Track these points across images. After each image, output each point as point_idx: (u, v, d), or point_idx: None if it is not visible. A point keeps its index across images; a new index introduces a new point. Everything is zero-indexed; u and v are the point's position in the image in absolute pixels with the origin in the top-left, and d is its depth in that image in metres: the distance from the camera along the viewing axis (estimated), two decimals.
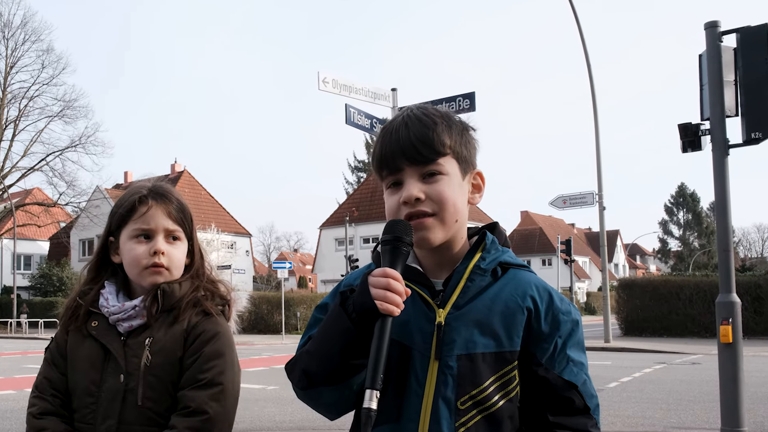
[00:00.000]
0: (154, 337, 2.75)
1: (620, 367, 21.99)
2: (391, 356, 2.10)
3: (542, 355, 2.16)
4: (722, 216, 9.83)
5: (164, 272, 2.85)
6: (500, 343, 2.13)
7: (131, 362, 2.73)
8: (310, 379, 2.16)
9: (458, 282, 2.18)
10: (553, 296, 2.22)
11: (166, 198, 2.91)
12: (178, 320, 2.79)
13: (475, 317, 2.14)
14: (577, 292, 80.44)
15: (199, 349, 2.75)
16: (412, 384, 2.13)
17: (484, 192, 2.33)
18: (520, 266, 2.27)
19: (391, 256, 2.07)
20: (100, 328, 2.80)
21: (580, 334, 2.25)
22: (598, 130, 31.17)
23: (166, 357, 2.74)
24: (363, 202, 74.50)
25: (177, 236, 2.90)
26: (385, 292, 1.98)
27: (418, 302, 2.18)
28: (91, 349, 2.78)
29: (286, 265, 41.96)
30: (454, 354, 2.11)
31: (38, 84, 63.81)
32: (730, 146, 9.87)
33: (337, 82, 16.31)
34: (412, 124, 2.19)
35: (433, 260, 2.26)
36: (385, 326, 1.97)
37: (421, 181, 2.17)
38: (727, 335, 9.57)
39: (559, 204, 33.21)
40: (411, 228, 2.11)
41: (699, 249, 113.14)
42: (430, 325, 2.14)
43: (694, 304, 36.27)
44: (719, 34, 9.96)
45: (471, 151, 2.26)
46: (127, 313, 2.79)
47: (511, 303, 2.17)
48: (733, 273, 9.79)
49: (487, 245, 2.24)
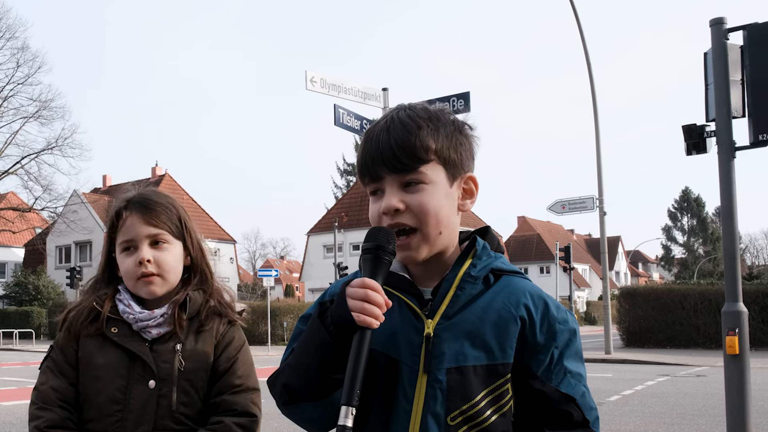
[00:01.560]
0: (183, 343, 2.88)
1: (622, 379, 22.03)
2: (378, 369, 2.11)
3: (538, 367, 2.15)
4: (728, 221, 9.83)
5: (156, 280, 2.92)
6: (492, 355, 2.11)
7: (162, 368, 2.83)
8: (291, 394, 2.16)
9: (448, 290, 2.16)
10: (549, 304, 2.20)
11: (143, 204, 2.97)
12: (205, 328, 2.95)
13: (465, 328, 2.12)
14: (577, 301, 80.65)
15: (233, 356, 2.96)
16: (400, 399, 2.11)
17: (477, 198, 2.29)
18: (514, 273, 2.25)
19: (372, 265, 2.05)
20: (122, 335, 2.87)
21: (578, 344, 2.23)
22: (599, 132, 31.22)
23: (198, 363, 2.89)
24: (352, 207, 74.42)
25: (162, 239, 2.95)
26: (363, 304, 1.96)
27: (406, 312, 2.16)
28: (114, 356, 2.84)
29: (272, 273, 41.91)
30: (444, 367, 2.09)
31: (13, 83, 63.45)
32: (736, 148, 9.87)
33: (326, 82, 16.34)
34: (394, 128, 2.16)
35: (421, 268, 2.24)
36: (363, 339, 1.96)
37: (402, 189, 2.15)
38: (734, 346, 9.57)
39: (558, 209, 33.23)
40: (394, 236, 2.09)
41: (704, 256, 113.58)
42: (418, 337, 2.12)
43: (699, 314, 36.33)
44: (725, 31, 9.95)
45: (463, 155, 2.22)
46: (156, 320, 2.88)
47: (504, 312, 2.14)
48: (739, 281, 9.79)
49: (478, 251, 2.22)
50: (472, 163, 2.28)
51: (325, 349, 2.03)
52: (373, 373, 2.08)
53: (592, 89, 30.87)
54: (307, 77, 15.92)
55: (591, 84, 30.80)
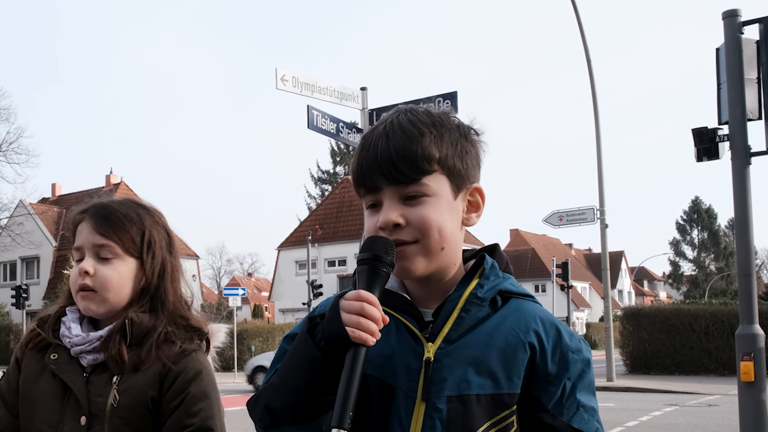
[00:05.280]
0: (122, 374, 2.73)
1: (625, 409, 22.03)
2: (371, 395, 2.10)
3: (549, 399, 2.15)
4: (743, 235, 9.88)
5: (93, 296, 2.80)
6: (498, 384, 2.11)
7: (95, 402, 2.71)
8: (273, 416, 2.12)
9: (451, 312, 2.16)
10: (562, 332, 2.20)
11: (98, 212, 2.88)
12: (150, 355, 2.76)
13: (469, 353, 2.12)
14: (576, 323, 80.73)
15: (183, 390, 2.75)
16: (395, 429, 2.11)
17: (483, 211, 2.29)
18: (524, 296, 2.25)
19: (368, 277, 2.04)
20: (61, 362, 2.78)
21: (591, 376, 2.23)
22: (600, 136, 31.28)
23: (135, 398, 2.72)
24: (328, 219, 74.30)
25: (109, 252, 2.83)
26: (358, 318, 1.96)
27: (404, 335, 2.16)
28: (50, 386, 2.77)
29: (239, 292, 41.97)
30: (444, 395, 2.09)
31: None
32: (752, 154, 9.92)
33: (298, 80, 16.36)
34: (393, 134, 2.14)
35: (422, 288, 2.25)
36: (357, 357, 1.95)
37: (402, 203, 2.14)
38: (749, 373, 9.60)
39: (555, 221, 33.28)
40: (392, 245, 2.08)
41: (716, 273, 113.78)
42: (417, 362, 2.12)
43: (711, 337, 36.40)
44: (739, 24, 9.98)
45: (469, 163, 2.22)
46: (92, 345, 2.76)
47: (512, 338, 2.14)
48: (755, 301, 9.84)
49: (486, 270, 2.21)
50: (479, 172, 2.28)
51: (314, 366, 2.01)
52: (365, 399, 2.07)
53: (592, 88, 30.93)
54: (277, 75, 15.93)
55: (591, 83, 30.86)
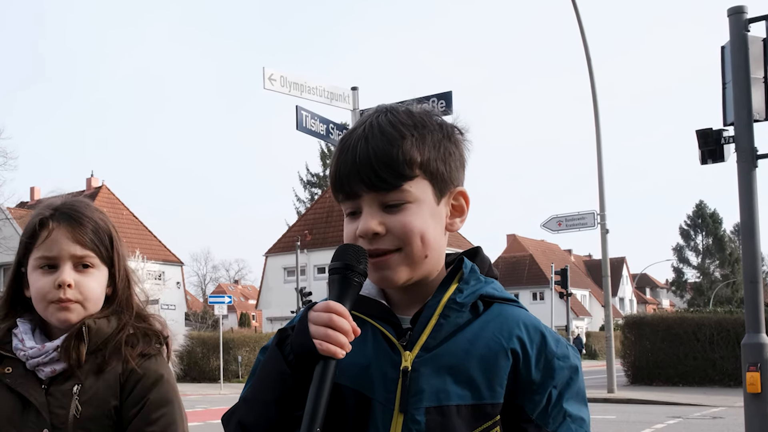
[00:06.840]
0: (83, 384, 2.73)
1: (626, 422, 22.11)
2: (348, 408, 2.10)
3: (533, 409, 2.13)
4: (749, 240, 9.88)
5: (75, 307, 2.80)
6: (479, 394, 2.10)
7: (57, 415, 2.70)
8: None
9: (429, 318, 2.14)
10: (547, 337, 2.18)
11: (73, 217, 2.85)
12: (110, 363, 2.76)
13: (448, 362, 2.11)
14: (575, 332, 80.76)
15: (143, 396, 2.76)
16: None
17: (468, 215, 2.28)
18: (507, 300, 2.23)
19: (339, 287, 2.04)
20: (16, 376, 2.77)
21: (580, 383, 2.21)
22: (600, 137, 31.33)
23: (98, 407, 2.72)
24: (317, 224, 74.28)
25: (89, 263, 2.84)
26: (326, 330, 1.96)
27: (381, 343, 2.15)
28: (6, 401, 2.75)
29: (225, 300, 41.79)
30: (423, 406, 2.08)
31: None
32: (758, 156, 9.92)
33: (287, 80, 16.38)
34: (373, 137, 2.12)
35: (401, 293, 2.24)
36: (326, 370, 1.95)
37: (382, 210, 2.13)
38: (755, 384, 9.60)
39: (554, 226, 33.33)
40: (365, 254, 2.07)
41: (721, 280, 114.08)
42: (394, 371, 2.11)
43: (716, 347, 36.49)
44: (746, 21, 9.98)
45: (452, 166, 2.21)
46: (49, 356, 2.75)
47: (494, 345, 2.13)
48: (762, 309, 9.84)
49: (465, 275, 2.20)
50: (463, 174, 2.27)
51: (283, 381, 2.02)
52: (342, 412, 2.07)
53: (592, 88, 30.98)
54: (265, 75, 15.96)
55: (591, 82, 30.92)
